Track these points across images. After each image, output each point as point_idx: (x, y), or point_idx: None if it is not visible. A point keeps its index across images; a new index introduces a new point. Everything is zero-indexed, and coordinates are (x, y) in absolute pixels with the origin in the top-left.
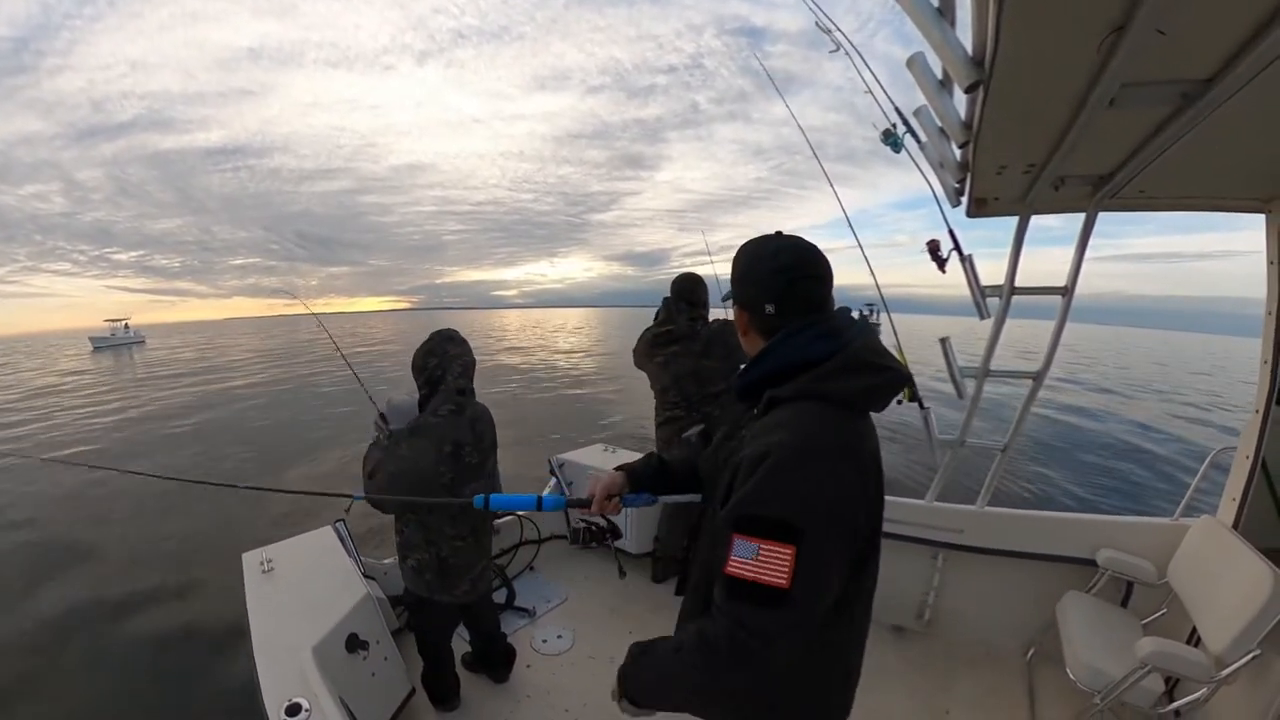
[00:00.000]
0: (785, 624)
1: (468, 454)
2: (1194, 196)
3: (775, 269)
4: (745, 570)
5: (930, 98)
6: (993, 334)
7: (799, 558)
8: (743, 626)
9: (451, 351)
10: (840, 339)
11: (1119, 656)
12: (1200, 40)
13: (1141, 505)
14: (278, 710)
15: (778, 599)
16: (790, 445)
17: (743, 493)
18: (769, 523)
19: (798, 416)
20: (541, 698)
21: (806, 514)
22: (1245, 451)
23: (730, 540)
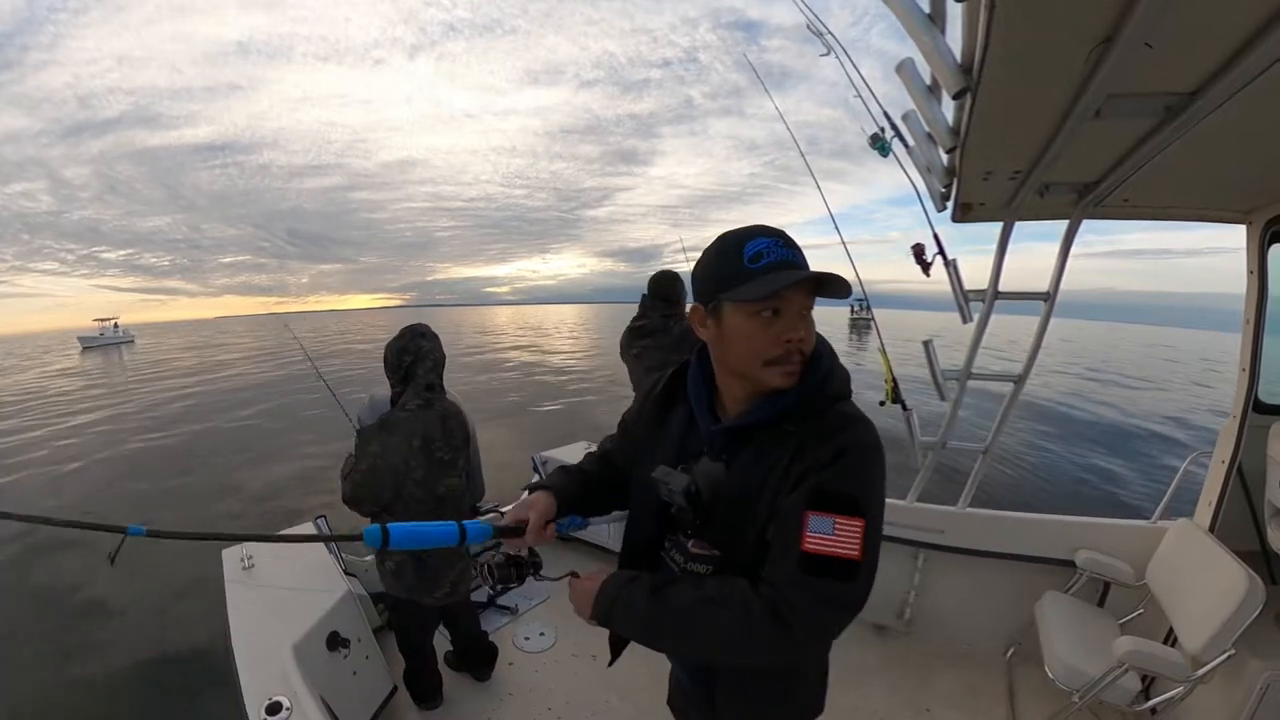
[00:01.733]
0: (858, 593)
1: (438, 449)
2: (1176, 207)
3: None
4: (824, 545)
5: (918, 103)
6: (975, 337)
7: (868, 530)
8: (825, 600)
9: (424, 348)
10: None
11: (1097, 656)
12: (1186, 54)
13: (1119, 508)
14: (258, 709)
15: (854, 570)
16: (864, 440)
17: (821, 476)
18: (844, 499)
19: (852, 417)
20: (524, 696)
21: (869, 494)
22: (1221, 456)
23: (804, 518)
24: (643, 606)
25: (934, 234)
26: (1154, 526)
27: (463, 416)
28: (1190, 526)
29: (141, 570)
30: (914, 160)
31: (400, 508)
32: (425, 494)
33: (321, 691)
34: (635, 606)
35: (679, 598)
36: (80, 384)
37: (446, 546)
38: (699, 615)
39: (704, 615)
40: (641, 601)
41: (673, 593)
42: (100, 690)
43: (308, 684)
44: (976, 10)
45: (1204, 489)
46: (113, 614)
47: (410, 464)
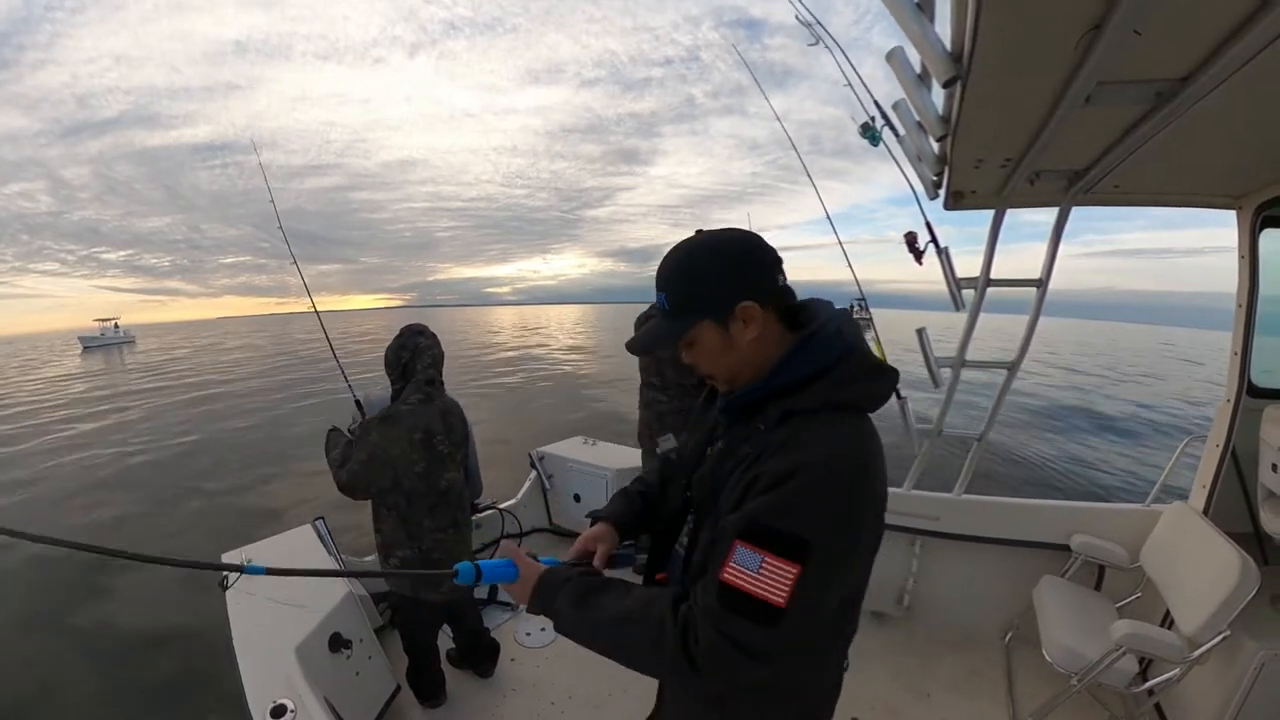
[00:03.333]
0: (772, 644)
1: (439, 443)
2: (1167, 193)
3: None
4: (743, 581)
5: (909, 92)
6: (968, 325)
7: (802, 578)
8: (729, 640)
9: (422, 344)
10: (845, 339)
11: (1094, 639)
12: (1175, 41)
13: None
14: (263, 712)
15: (773, 618)
16: (825, 465)
17: (760, 502)
18: (780, 536)
19: (827, 432)
20: (527, 691)
21: (822, 536)
22: (1216, 440)
23: (733, 546)
24: (568, 612)
25: (926, 222)
26: (1148, 510)
27: (461, 413)
28: (1185, 510)
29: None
30: (905, 149)
31: (400, 499)
32: (427, 487)
33: (325, 693)
34: (563, 611)
35: (603, 609)
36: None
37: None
38: (617, 631)
39: (621, 632)
40: (568, 607)
41: (597, 602)
42: (102, 695)
43: (311, 686)
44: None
45: (1198, 472)
46: (114, 617)
47: (412, 457)
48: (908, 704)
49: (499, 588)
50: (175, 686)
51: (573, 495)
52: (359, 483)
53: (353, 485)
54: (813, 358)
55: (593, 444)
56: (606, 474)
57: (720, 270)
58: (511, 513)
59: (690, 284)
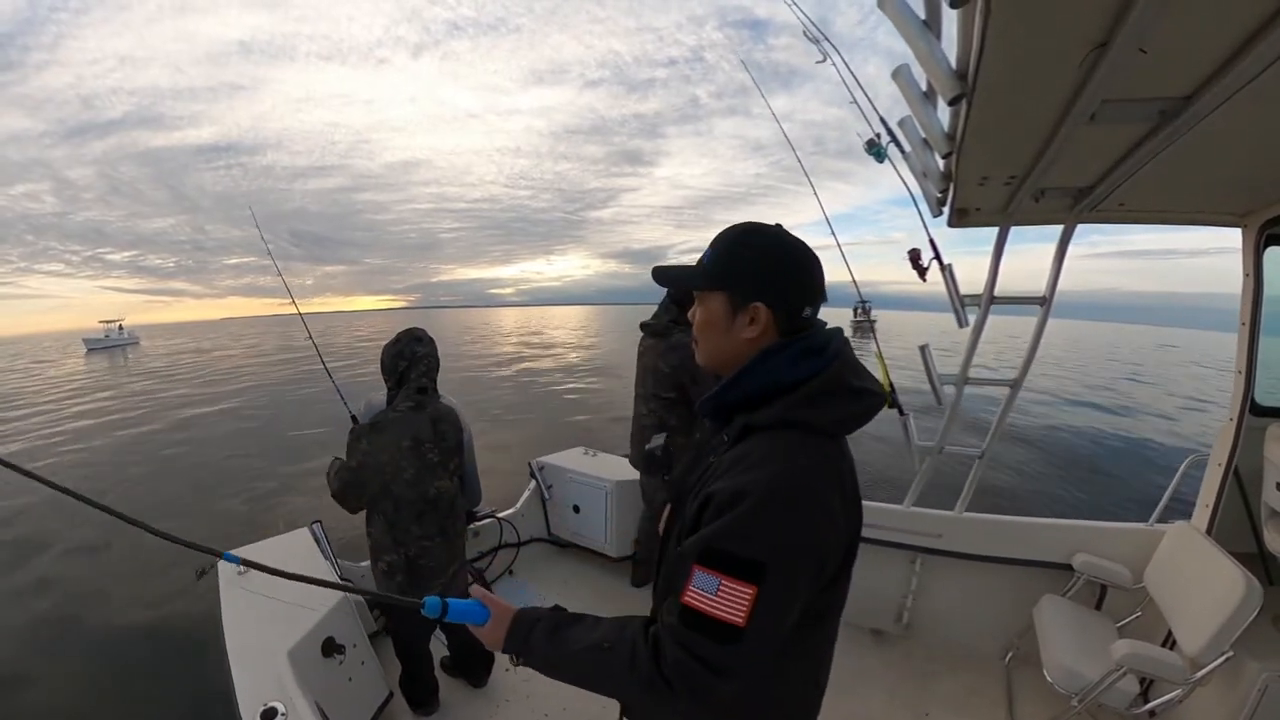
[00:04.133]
0: (736, 660)
1: (428, 450)
2: (1172, 210)
3: (796, 273)
4: (702, 603)
5: (915, 108)
6: (971, 342)
7: (759, 598)
8: (695, 658)
9: (419, 352)
10: (823, 357)
11: (1095, 659)
12: (1180, 59)
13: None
14: (253, 715)
15: (734, 636)
16: (769, 486)
17: (713, 527)
18: (734, 560)
19: (776, 451)
20: (521, 702)
21: (776, 557)
22: (1218, 459)
23: (691, 570)
24: (542, 646)
25: (930, 239)
26: (1151, 529)
27: (456, 419)
28: (1188, 529)
29: (137, 573)
30: (910, 166)
31: (389, 506)
32: (416, 495)
33: (317, 698)
34: (536, 647)
35: (577, 640)
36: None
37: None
38: (592, 659)
39: (596, 660)
40: (542, 642)
41: (571, 635)
42: (94, 695)
43: (303, 690)
44: (972, 16)
45: (1201, 491)
46: (107, 618)
47: (400, 464)
48: None
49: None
50: (165, 688)
51: (572, 506)
52: (350, 491)
53: (344, 493)
54: (769, 370)
55: (593, 455)
56: (606, 486)
57: (761, 264)
58: (510, 522)
59: (733, 258)
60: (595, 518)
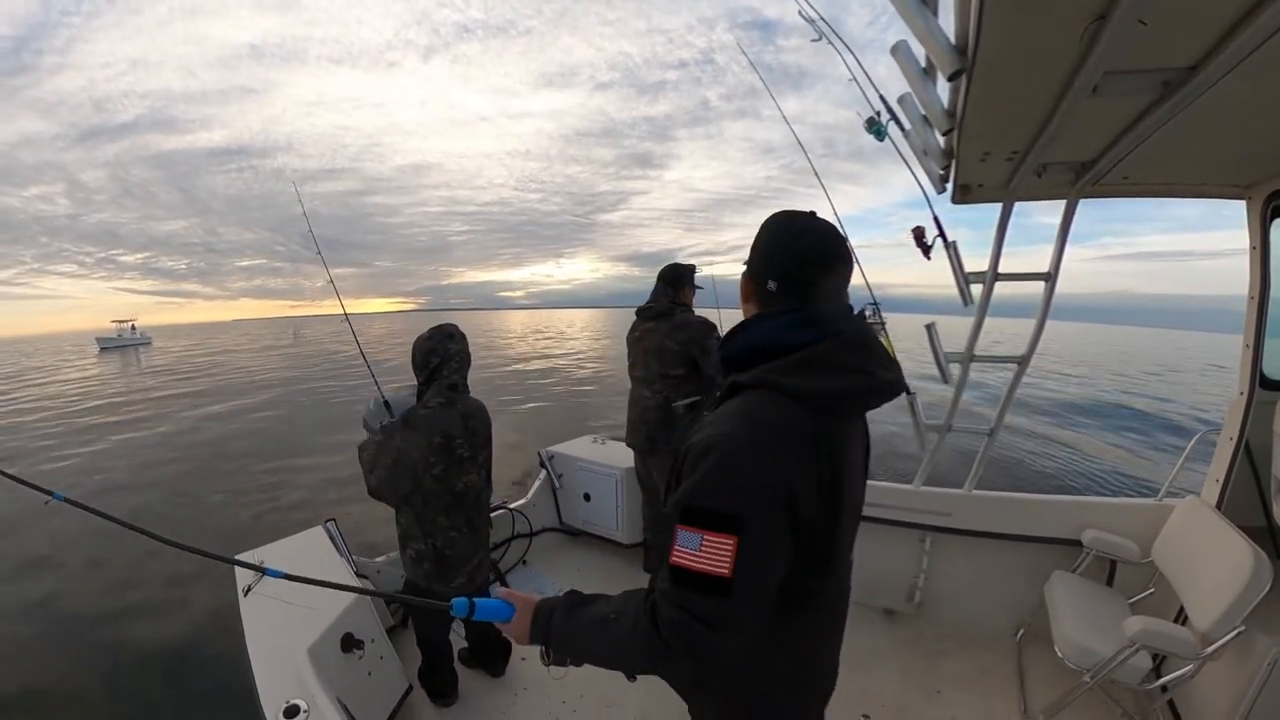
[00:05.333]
0: (729, 611)
1: (458, 446)
2: (1175, 183)
3: (792, 250)
4: (689, 560)
5: (914, 85)
6: (977, 320)
7: (741, 547)
8: (690, 614)
9: (452, 350)
10: (817, 330)
11: (1107, 635)
12: (1182, 29)
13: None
14: (275, 712)
15: (723, 588)
16: (734, 437)
17: (688, 485)
18: (712, 514)
19: (746, 408)
20: (538, 690)
21: (748, 505)
22: (1229, 433)
23: (675, 530)
24: (560, 630)
25: (934, 216)
26: (1161, 504)
27: (486, 414)
28: (1197, 504)
29: (153, 575)
30: (911, 144)
31: (419, 500)
32: (443, 489)
33: (338, 693)
34: (556, 629)
35: (589, 616)
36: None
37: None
38: (603, 633)
39: (607, 633)
40: (560, 625)
41: (583, 613)
42: (115, 695)
43: (324, 686)
44: None
45: (1211, 466)
46: (127, 618)
47: (430, 460)
48: (918, 701)
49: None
50: (187, 686)
51: (583, 495)
52: (386, 488)
53: (381, 490)
54: (758, 333)
55: (603, 443)
56: (616, 473)
57: (758, 239)
58: (522, 512)
59: (755, 240)
60: (606, 505)
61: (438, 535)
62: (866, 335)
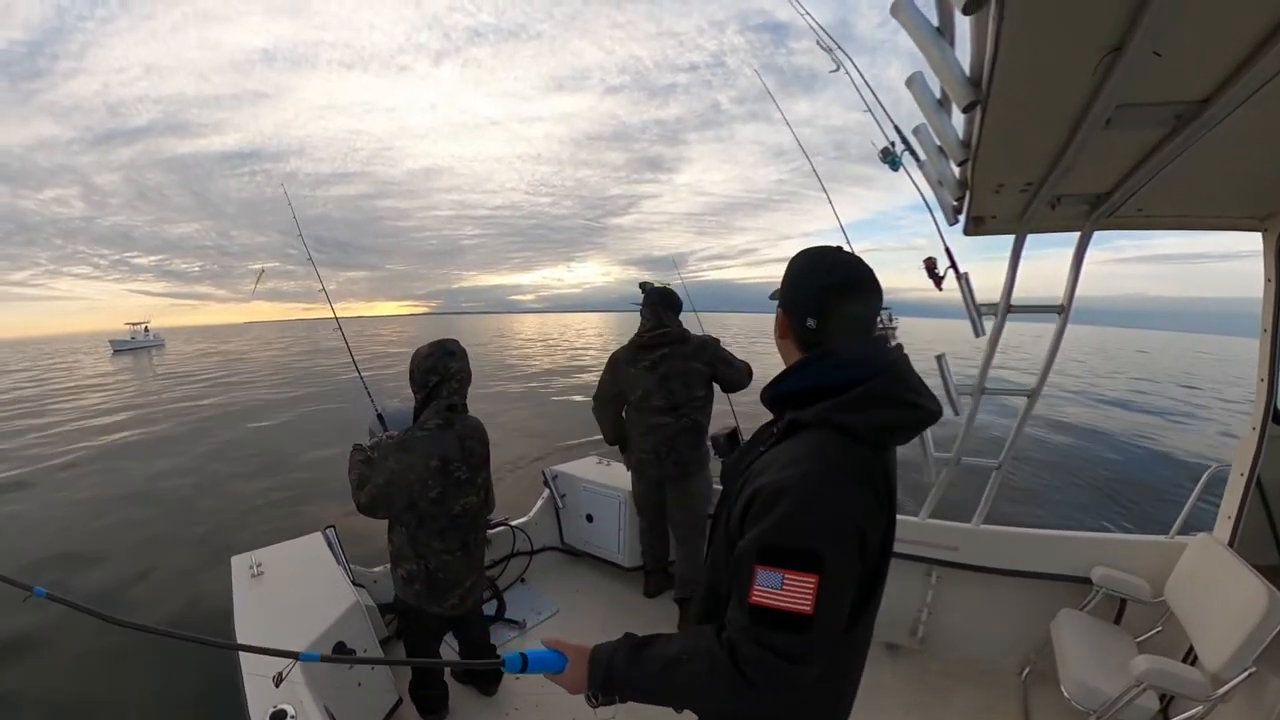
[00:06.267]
0: (811, 646)
1: (455, 469)
2: (1190, 216)
3: (826, 285)
4: (771, 599)
5: (929, 116)
6: (988, 352)
7: (821, 584)
8: (774, 651)
9: (453, 369)
10: (865, 368)
11: (1114, 674)
12: (1195, 62)
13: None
14: (263, 717)
15: (805, 624)
16: (809, 477)
17: (765, 525)
18: (793, 553)
19: (816, 449)
20: (530, 711)
21: (826, 543)
22: (1240, 469)
23: (754, 570)
24: (624, 672)
25: (945, 247)
26: (1172, 542)
27: (483, 434)
28: (1209, 541)
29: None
30: (925, 174)
31: (412, 519)
32: (439, 511)
33: (326, 702)
34: (618, 675)
35: (655, 659)
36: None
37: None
38: (675, 673)
39: (679, 673)
40: (623, 669)
41: (649, 654)
42: (104, 694)
43: (313, 694)
44: (985, 23)
45: (1223, 503)
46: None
47: (427, 483)
48: None
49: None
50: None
51: (585, 515)
52: (378, 506)
53: (372, 508)
54: (810, 373)
55: (607, 465)
56: (619, 495)
57: (789, 278)
58: (523, 530)
59: (785, 278)
60: (608, 527)
61: (430, 558)
62: (907, 365)
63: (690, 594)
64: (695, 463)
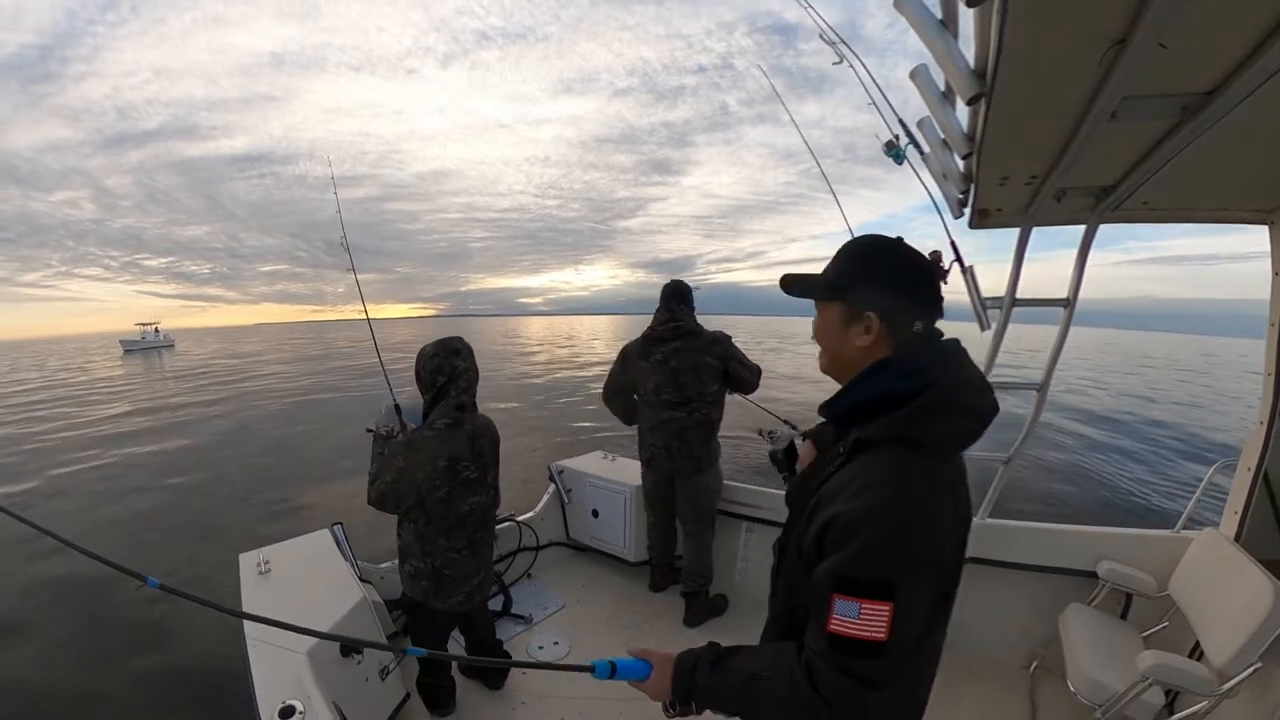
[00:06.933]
0: (888, 670)
1: (464, 468)
2: (1197, 208)
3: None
4: (848, 628)
5: (933, 109)
6: (993, 345)
7: (895, 613)
8: (851, 676)
9: (459, 368)
10: (932, 373)
11: (1120, 669)
12: (1201, 53)
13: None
14: (271, 713)
15: (880, 650)
16: (886, 506)
17: (842, 556)
18: (869, 584)
19: (887, 475)
20: (536, 704)
21: (903, 573)
22: (1247, 464)
23: (831, 600)
24: (706, 683)
25: (951, 241)
26: (1178, 536)
27: (493, 433)
28: (1215, 536)
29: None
30: (930, 167)
31: (421, 517)
32: (447, 510)
33: (334, 697)
34: (701, 684)
35: (738, 671)
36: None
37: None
38: (755, 689)
39: (759, 689)
40: (704, 679)
41: (732, 666)
42: (112, 689)
43: (321, 689)
44: (989, 15)
45: (1229, 497)
46: (130, 615)
47: (435, 482)
48: None
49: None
50: (185, 684)
51: (591, 511)
52: (386, 502)
53: (380, 503)
54: (877, 383)
55: (612, 460)
56: (626, 490)
57: (875, 274)
58: (529, 525)
59: (851, 269)
60: (614, 522)
61: (437, 555)
62: (967, 359)
63: (697, 588)
64: (706, 457)
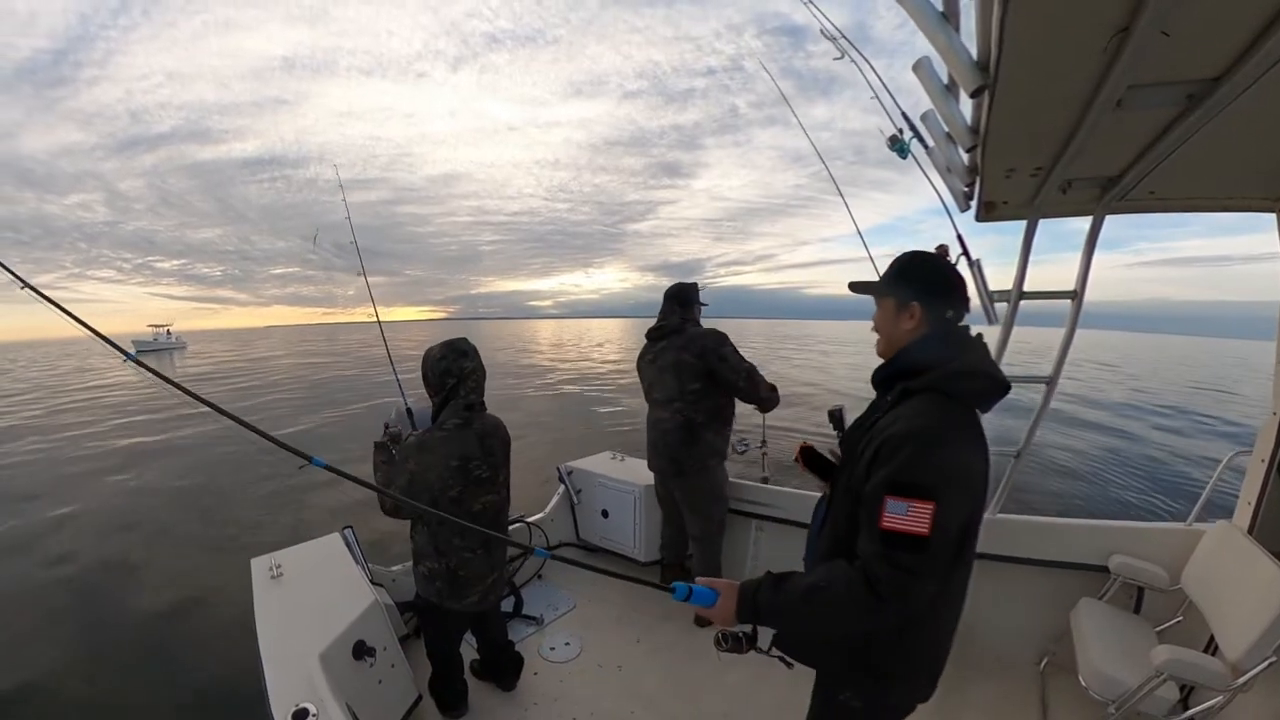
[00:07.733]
0: (928, 564)
1: (475, 468)
2: (1203, 197)
3: (962, 288)
4: (898, 523)
5: (937, 102)
6: (1001, 338)
7: (937, 513)
8: (900, 568)
9: (467, 369)
10: (961, 349)
11: (1133, 665)
12: (1206, 40)
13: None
14: (284, 715)
15: (923, 544)
16: (929, 427)
17: (895, 464)
18: (917, 486)
19: (931, 407)
20: (549, 705)
21: (944, 479)
22: (1261, 455)
23: (884, 501)
24: (769, 602)
25: (957, 234)
26: (1190, 529)
27: (503, 431)
28: (1229, 528)
29: (169, 574)
30: (934, 161)
31: (434, 517)
32: (460, 510)
33: (347, 699)
34: (763, 603)
35: (797, 588)
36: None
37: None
38: (815, 598)
39: (819, 598)
40: (767, 599)
41: (789, 585)
42: (127, 693)
43: (334, 691)
44: (990, 6)
45: (1243, 489)
46: (142, 617)
47: (448, 482)
48: None
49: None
50: (199, 687)
51: (601, 511)
52: (403, 507)
53: (396, 510)
54: (924, 350)
55: (621, 460)
56: (635, 490)
57: (917, 278)
58: (539, 526)
59: (900, 274)
60: (624, 522)
61: (451, 555)
62: (986, 348)
63: None
64: (689, 459)
